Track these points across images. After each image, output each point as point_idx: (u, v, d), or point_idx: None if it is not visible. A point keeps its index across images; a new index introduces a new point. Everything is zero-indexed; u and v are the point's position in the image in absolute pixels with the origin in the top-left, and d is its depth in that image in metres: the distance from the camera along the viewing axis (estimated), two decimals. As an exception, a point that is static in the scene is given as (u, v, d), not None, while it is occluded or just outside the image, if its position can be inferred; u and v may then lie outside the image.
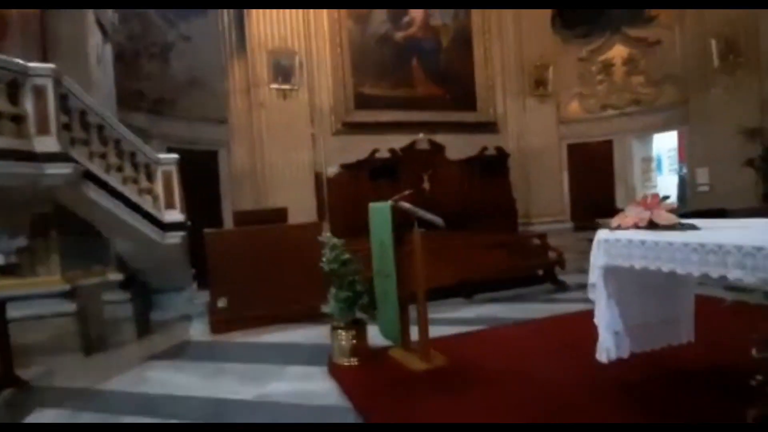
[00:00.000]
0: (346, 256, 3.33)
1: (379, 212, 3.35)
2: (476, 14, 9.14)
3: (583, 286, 5.65)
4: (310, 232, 5.03)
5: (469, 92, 9.12)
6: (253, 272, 4.82)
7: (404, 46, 8.60)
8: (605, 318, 2.52)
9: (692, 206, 8.96)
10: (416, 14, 8.69)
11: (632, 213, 2.44)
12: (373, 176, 7.74)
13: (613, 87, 10.07)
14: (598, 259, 2.51)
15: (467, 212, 8.44)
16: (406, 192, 3.48)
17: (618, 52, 10.00)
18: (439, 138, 8.62)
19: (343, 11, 8.08)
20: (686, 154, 9.44)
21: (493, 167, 8.72)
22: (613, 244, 2.41)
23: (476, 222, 8.31)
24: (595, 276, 2.53)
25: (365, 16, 8.32)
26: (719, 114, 8.25)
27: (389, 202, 3.25)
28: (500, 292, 5.60)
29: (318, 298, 4.99)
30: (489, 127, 9.20)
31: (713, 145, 8.40)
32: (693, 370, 2.78)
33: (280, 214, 5.30)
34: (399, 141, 8.28)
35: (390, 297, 3.29)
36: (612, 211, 9.71)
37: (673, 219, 2.17)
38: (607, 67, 10.12)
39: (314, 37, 7.85)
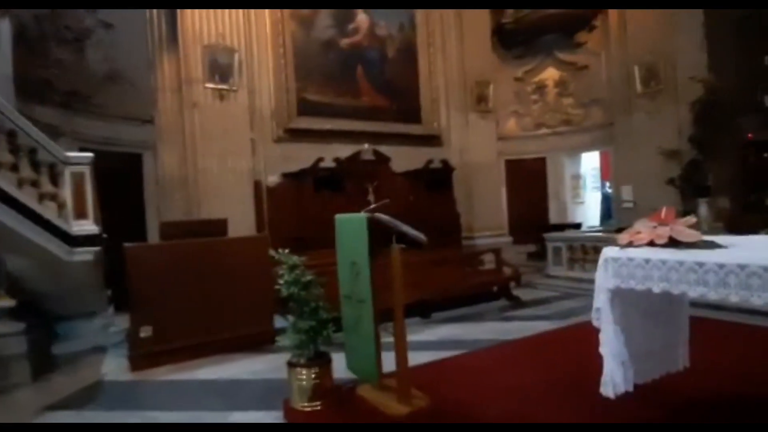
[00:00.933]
0: (309, 277, 2.82)
1: (351, 225, 2.91)
2: (421, 27, 9.11)
3: (537, 302, 5.75)
4: (257, 246, 4.49)
5: (414, 105, 9.01)
6: (185, 294, 4.14)
7: (350, 54, 8.29)
8: (612, 347, 2.28)
9: (618, 222, 9.58)
10: (362, 22, 8.45)
11: (645, 228, 2.24)
12: (317, 186, 7.27)
13: (547, 107, 10.57)
14: (605, 280, 2.27)
15: (413, 226, 8.24)
16: (384, 201, 3.11)
17: (550, 74, 10.53)
18: (384, 149, 8.37)
19: (286, 12, 7.60)
20: (612, 172, 10.10)
21: (438, 180, 8.64)
22: (624, 263, 2.18)
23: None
24: (601, 300, 2.30)
25: (309, 19, 7.91)
26: (642, 136, 8.90)
27: (364, 214, 2.79)
28: (456, 310, 5.39)
29: (266, 322, 4.45)
30: (433, 140, 9.14)
31: (637, 164, 9.03)
32: (703, 400, 2.48)
33: (219, 226, 4.65)
34: (343, 151, 7.91)
35: (364, 327, 2.82)
36: (546, 226, 10.01)
37: (696, 235, 2.00)
38: (541, 88, 10.62)
39: (255, 36, 7.28)
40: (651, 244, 2.14)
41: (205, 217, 6.13)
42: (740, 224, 7.98)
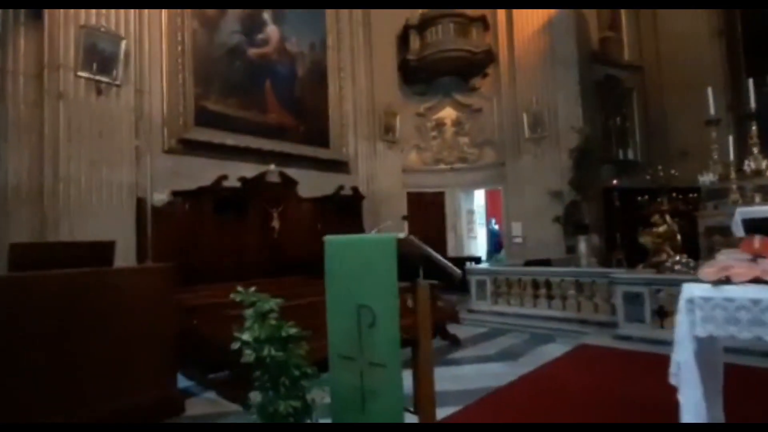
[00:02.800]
0: (292, 330, 2.01)
1: (362, 252, 2.06)
2: (332, 51, 8.83)
3: (473, 340, 5.46)
4: (155, 281, 3.42)
5: (323, 128, 8.56)
6: (40, 350, 2.90)
7: (258, 66, 7.57)
8: (700, 413, 1.83)
9: (509, 256, 10.22)
10: (272, 33, 7.84)
11: (737, 261, 1.92)
12: (218, 208, 6.24)
13: (445, 144, 11.03)
14: (692, 327, 1.85)
15: (318, 257, 7.60)
16: (388, 222, 2.54)
17: (448, 113, 11.08)
18: (291, 172, 7.69)
19: (187, 9, 6.63)
20: (503, 209, 10.84)
21: (348, 209, 8.21)
22: (720, 305, 1.81)
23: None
24: (685, 353, 1.86)
25: (214, 20, 7.03)
26: (530, 176, 9.74)
27: (391, 235, 1.99)
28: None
29: (167, 385, 3.36)
30: (341, 166, 8.74)
31: (525, 202, 9.81)
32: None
33: (101, 252, 3.47)
34: (246, 170, 7.02)
35: (383, 405, 1.97)
36: (447, 259, 10.16)
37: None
38: (440, 125, 11.07)
39: (148, 26, 6.15)
40: (757, 280, 1.79)
41: (68, 238, 4.72)
42: (608, 259, 9.14)
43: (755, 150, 6.80)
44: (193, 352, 3.79)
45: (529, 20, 10.01)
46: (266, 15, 7.77)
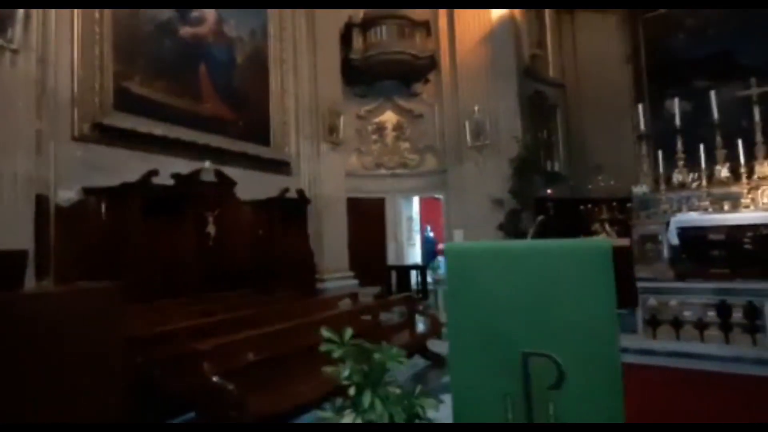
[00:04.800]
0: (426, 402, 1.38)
1: (534, 267, 1.39)
2: (274, 40, 8.06)
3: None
4: (92, 305, 2.52)
5: (264, 124, 7.75)
6: None
7: (192, 47, 6.58)
8: None
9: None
10: (208, 12, 6.89)
11: None
12: (146, 211, 5.18)
13: (386, 149, 10.71)
14: None
15: (263, 267, 6.82)
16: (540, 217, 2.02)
17: (389, 117, 10.80)
18: (229, 171, 6.79)
19: (108, -32, 5.50)
20: (444, 217, 10.77)
21: (292, 214, 7.46)
22: None
23: (274, 280, 6.79)
24: None
25: (140, -12, 5.95)
26: (472, 184, 9.78)
27: (601, 240, 1.52)
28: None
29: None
30: (283, 167, 7.97)
31: (467, 210, 9.82)
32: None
33: (8, 267, 2.49)
34: (177, 166, 6.01)
35: None
36: (383, 268, 9.78)
37: None
38: (381, 129, 10.75)
39: (55, -19, 4.95)
40: None
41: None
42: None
43: (680, 164, 7.43)
44: (144, 396, 2.93)
45: (471, 30, 10.14)
46: (201, -9, 6.80)
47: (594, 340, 1.23)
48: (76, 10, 5.13)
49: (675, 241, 6.58)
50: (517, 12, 10.64)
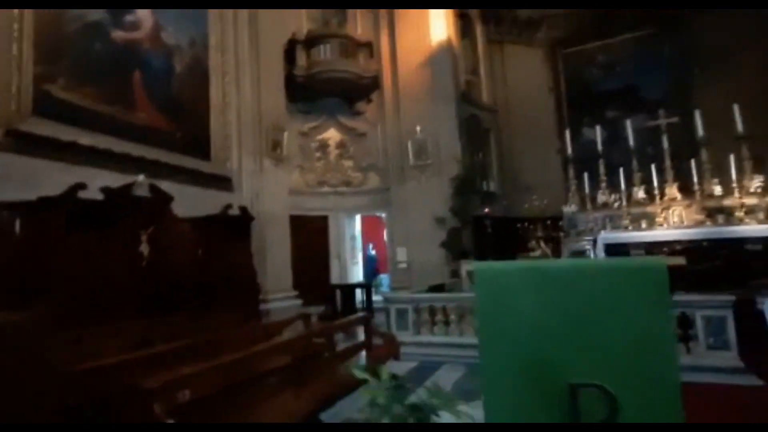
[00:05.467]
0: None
1: (573, 288, 1.29)
2: (215, 51, 7.75)
3: (414, 378, 4.85)
4: (23, 340, 2.17)
5: (204, 137, 7.35)
6: None
7: (124, 52, 6.11)
8: None
9: (394, 282, 10.19)
10: (144, 18, 6.47)
11: None
12: (69, 228, 4.63)
13: (329, 166, 10.62)
14: None
15: (203, 288, 6.37)
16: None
17: (332, 135, 10.75)
18: (165, 186, 6.29)
19: (30, -40, 4.98)
20: (387, 235, 10.81)
21: (235, 231, 7.07)
22: None
23: (215, 301, 6.36)
24: None
25: (67, -15, 5.44)
26: (415, 202, 9.96)
27: (656, 260, 1.30)
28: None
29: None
30: (224, 183, 7.58)
31: (410, 228, 9.96)
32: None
33: None
34: (105, 180, 5.47)
35: None
36: (327, 286, 9.64)
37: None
38: (324, 146, 10.66)
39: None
40: None
41: None
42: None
43: (603, 185, 8.13)
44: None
45: (412, 53, 10.48)
46: (137, -6, 6.39)
47: (651, 365, 1.18)
48: (-10, 3, 4.56)
49: (603, 256, 7.15)
50: (453, 39, 11.19)
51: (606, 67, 13.86)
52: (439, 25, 10.52)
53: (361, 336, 5.16)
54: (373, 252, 12.62)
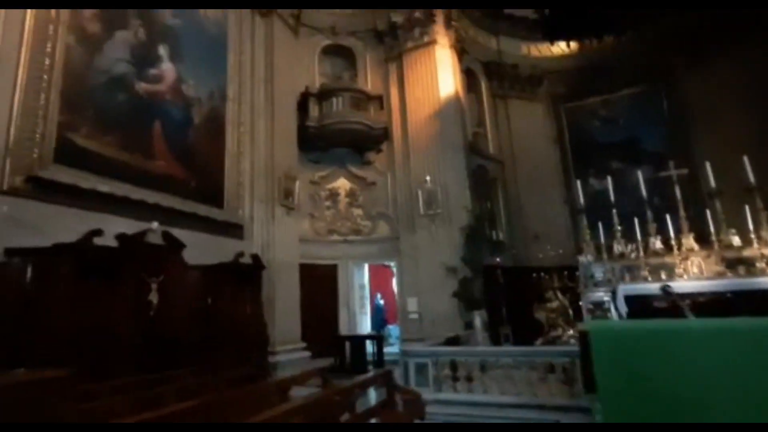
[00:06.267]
0: None
1: (735, 351, 1.15)
2: (233, 103, 7.96)
3: None
4: (45, 401, 2.01)
5: (218, 185, 7.38)
6: None
7: (147, 103, 6.26)
8: None
9: (405, 333, 9.85)
10: (167, 72, 6.69)
11: None
12: (81, 275, 4.50)
13: (338, 215, 10.60)
14: None
15: (211, 339, 6.14)
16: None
17: (342, 184, 10.82)
18: (177, 233, 6.25)
19: (65, 14, 5.21)
20: (397, 284, 10.59)
21: (245, 280, 6.92)
22: None
23: (223, 354, 6.11)
24: None
25: (97, 40, 5.66)
26: (425, 251, 9.83)
27: None
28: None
29: None
30: (235, 230, 7.52)
31: (421, 277, 9.76)
32: None
33: None
34: (120, 226, 5.43)
35: None
36: (336, 337, 9.33)
37: None
38: (334, 195, 10.69)
39: (4, 25, 4.55)
40: None
41: None
42: (496, 334, 9.48)
43: (618, 235, 8.02)
44: None
45: (421, 106, 10.76)
46: (162, 50, 6.65)
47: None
48: (23, 59, 4.70)
49: (625, 309, 6.93)
50: (460, 92, 11.54)
51: (607, 121, 14.22)
52: (447, 79, 10.89)
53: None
54: (382, 302, 12.32)
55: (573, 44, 12.23)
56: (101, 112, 5.54)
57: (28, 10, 4.81)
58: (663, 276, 7.23)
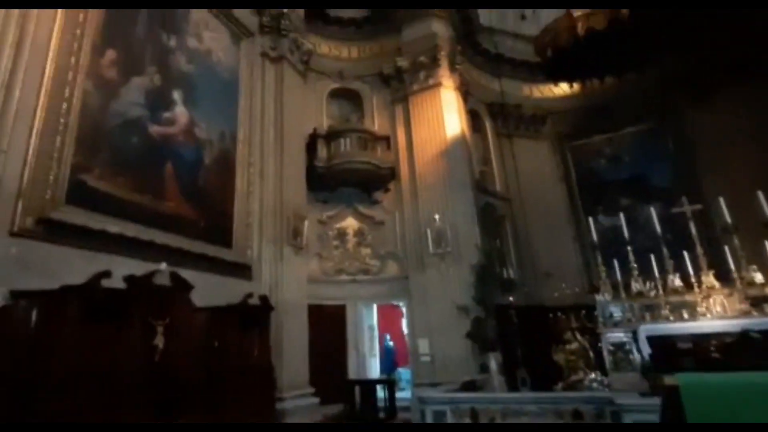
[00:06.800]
0: None
1: None
2: (243, 144, 8.08)
3: None
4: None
5: (227, 225, 7.35)
6: None
7: (160, 145, 6.34)
8: None
9: (417, 377, 9.47)
10: (181, 115, 6.82)
11: None
12: (87, 318, 4.38)
13: (347, 254, 10.48)
14: None
15: (215, 384, 5.90)
16: None
17: (350, 223, 10.77)
18: (185, 274, 6.13)
19: (83, 61, 5.37)
20: (407, 325, 10.30)
21: (253, 323, 6.73)
22: None
23: (229, 399, 5.85)
24: None
25: (114, 86, 5.81)
26: (435, 291, 9.61)
27: None
28: None
29: None
30: (243, 270, 7.42)
31: (432, 318, 9.49)
32: None
33: None
34: (127, 268, 5.33)
35: None
36: (345, 381, 9.00)
37: None
38: (342, 235, 10.62)
39: (25, 70, 4.68)
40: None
41: None
42: (512, 378, 9.08)
43: (635, 273, 7.81)
44: None
45: (427, 146, 10.86)
46: (176, 95, 6.82)
47: None
48: (41, 103, 4.80)
49: (648, 350, 6.63)
50: (466, 132, 11.68)
51: (613, 158, 14.26)
52: (453, 119, 11.05)
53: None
54: (391, 343, 11.97)
55: (575, 85, 12.44)
56: (114, 154, 5.60)
57: (49, 58, 4.95)
58: (685, 315, 6.99)
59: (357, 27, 11.94)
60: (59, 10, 5.10)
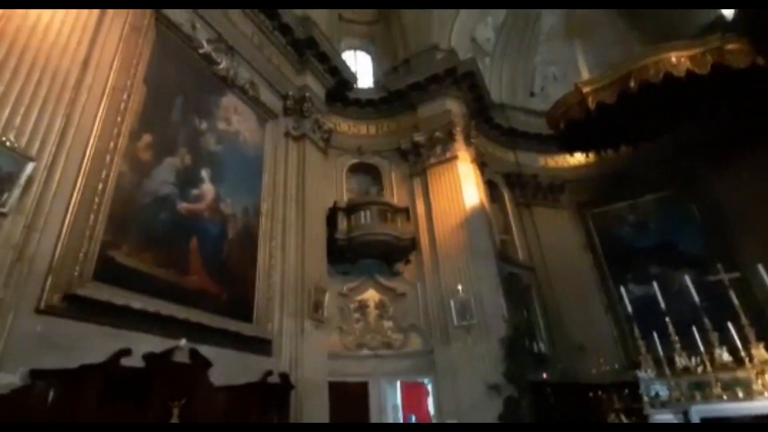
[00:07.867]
0: None
1: None
2: (265, 218, 8.24)
3: None
4: None
5: (248, 299, 7.27)
6: None
7: (186, 220, 6.51)
8: None
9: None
10: (207, 192, 7.07)
11: None
12: (107, 397, 4.22)
13: (368, 327, 10.16)
14: None
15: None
16: None
17: (372, 295, 10.56)
18: (204, 350, 5.99)
19: (122, 145, 5.71)
20: (434, 404, 9.64)
21: (273, 403, 6.40)
22: None
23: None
24: None
25: (148, 166, 6.12)
26: (462, 366, 9.08)
27: None
28: None
29: None
30: (264, 346, 7.20)
31: (461, 396, 8.88)
32: None
33: None
34: (147, 344, 5.24)
35: None
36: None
37: None
38: (363, 307, 10.37)
39: (68, 153, 4.98)
40: None
41: None
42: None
43: (678, 347, 7.27)
44: None
45: (447, 216, 10.89)
46: (204, 173, 7.12)
47: None
48: (79, 184, 5.04)
49: None
50: (485, 202, 11.74)
51: (638, 225, 13.94)
52: (471, 190, 11.16)
53: None
54: (416, 426, 11.11)
55: (590, 154, 12.57)
56: (143, 230, 5.74)
57: (89, 144, 5.27)
58: (740, 393, 6.36)
59: (374, 107, 12.62)
60: (103, 99, 5.52)
